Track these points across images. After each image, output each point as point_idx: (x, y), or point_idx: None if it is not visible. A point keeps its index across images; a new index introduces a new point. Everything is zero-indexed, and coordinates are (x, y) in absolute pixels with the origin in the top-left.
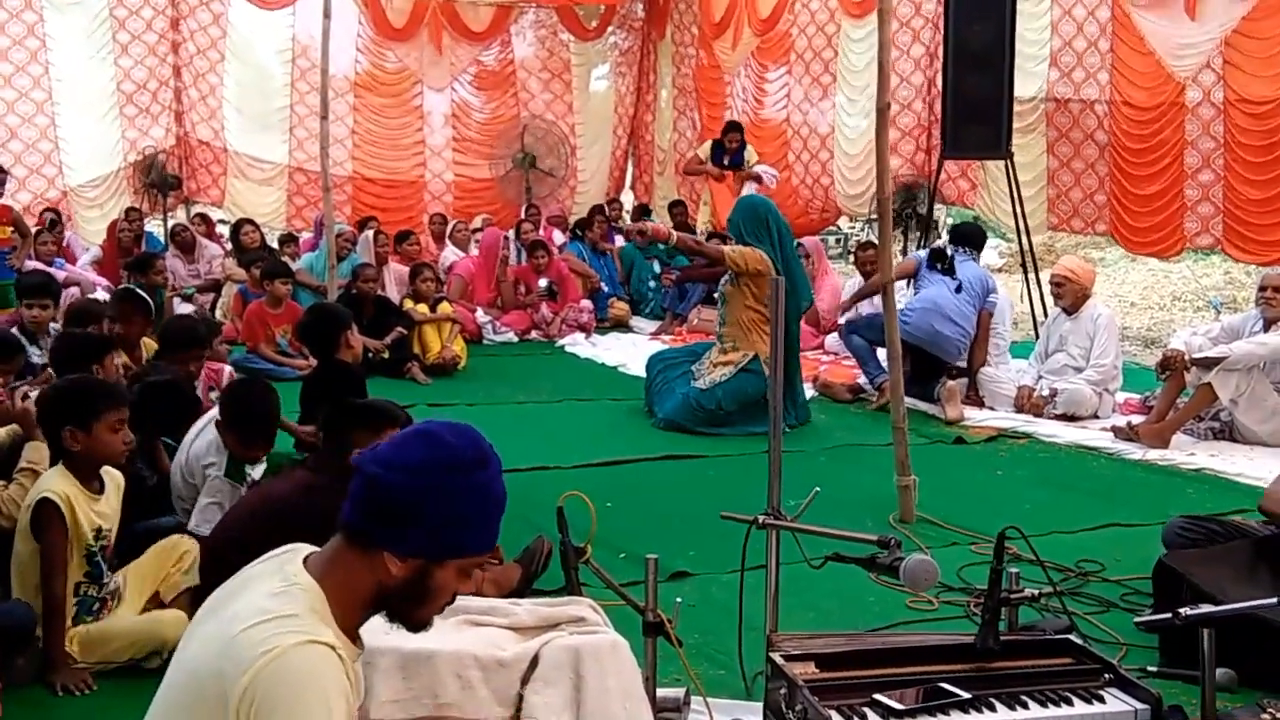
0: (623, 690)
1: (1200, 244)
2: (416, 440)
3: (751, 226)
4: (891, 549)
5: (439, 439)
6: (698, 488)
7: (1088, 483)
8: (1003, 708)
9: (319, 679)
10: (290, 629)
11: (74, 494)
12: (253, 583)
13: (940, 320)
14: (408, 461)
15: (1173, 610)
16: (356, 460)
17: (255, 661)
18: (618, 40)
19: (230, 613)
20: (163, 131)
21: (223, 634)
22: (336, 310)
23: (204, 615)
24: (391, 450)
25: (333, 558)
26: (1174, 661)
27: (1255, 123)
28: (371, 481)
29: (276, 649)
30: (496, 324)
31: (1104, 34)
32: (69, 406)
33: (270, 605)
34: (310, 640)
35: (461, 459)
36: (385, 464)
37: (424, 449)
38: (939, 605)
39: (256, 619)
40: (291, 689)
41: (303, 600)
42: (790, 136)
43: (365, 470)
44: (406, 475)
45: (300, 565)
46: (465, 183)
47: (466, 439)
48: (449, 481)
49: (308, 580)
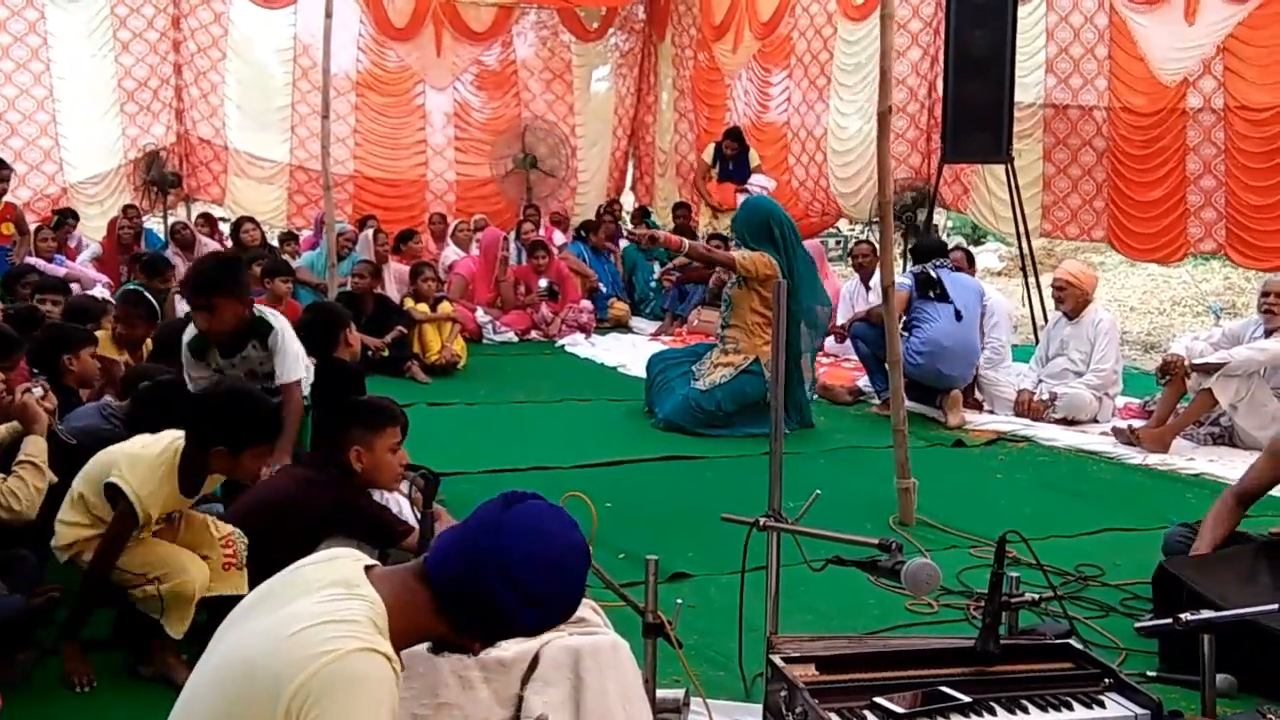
0: (622, 691)
1: (1203, 249)
2: (549, 574)
3: (754, 230)
4: (893, 552)
5: (566, 582)
6: (698, 489)
7: (1087, 487)
8: (1003, 712)
9: (375, 687)
10: (352, 634)
11: (164, 494)
12: (309, 584)
13: (946, 363)
14: (532, 593)
15: (1173, 615)
16: (477, 531)
17: (315, 661)
18: (619, 42)
19: (288, 611)
20: (163, 129)
21: (279, 630)
22: (335, 309)
23: (251, 608)
24: (523, 571)
25: (403, 590)
26: (1174, 667)
27: (1255, 129)
28: (483, 579)
29: (337, 651)
30: (496, 324)
31: (1101, 40)
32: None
33: (331, 609)
34: (371, 649)
35: (568, 601)
36: (510, 582)
37: (551, 586)
38: (939, 609)
39: (316, 620)
40: (347, 693)
41: (365, 610)
42: (790, 139)
43: (484, 569)
44: (518, 601)
45: (363, 575)
46: (467, 182)
47: (581, 579)
48: (545, 614)
49: (371, 593)
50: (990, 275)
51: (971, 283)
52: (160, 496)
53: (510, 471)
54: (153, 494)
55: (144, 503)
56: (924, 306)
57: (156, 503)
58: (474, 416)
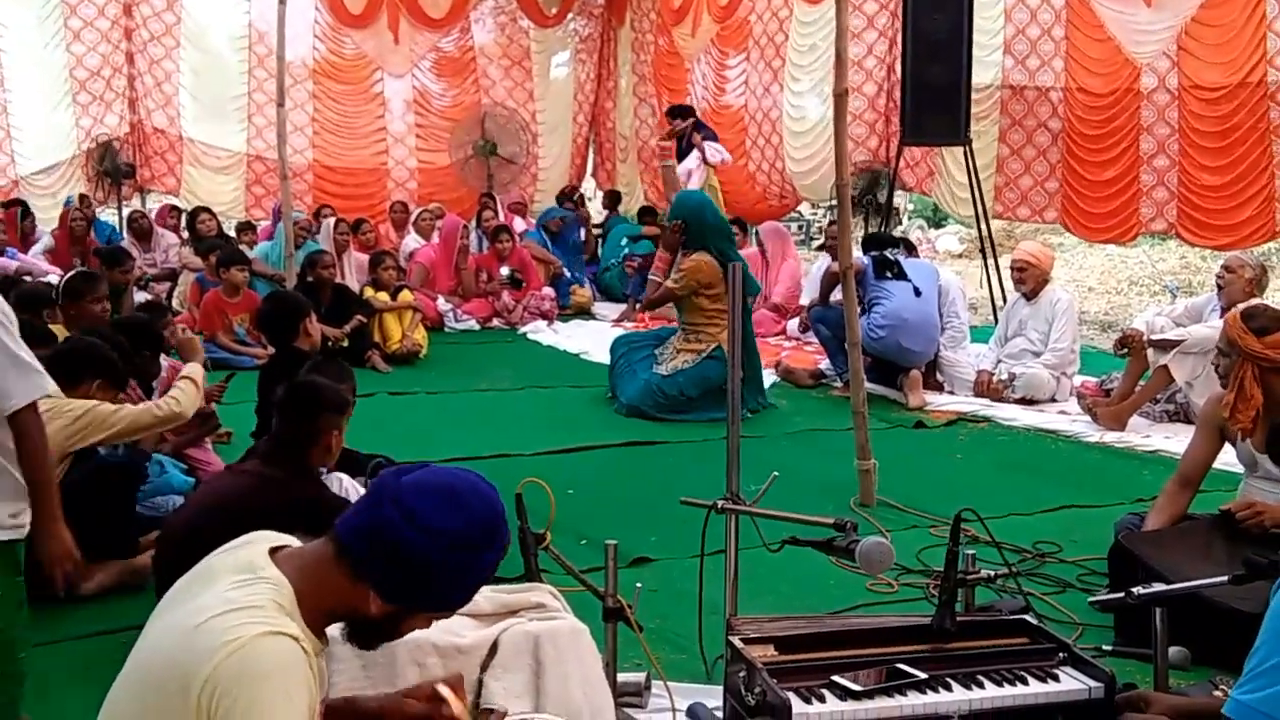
0: (582, 675)
1: (1155, 229)
2: (447, 504)
3: (691, 229)
4: (847, 532)
5: (469, 510)
6: (659, 474)
7: (1046, 465)
8: (959, 687)
9: (281, 670)
10: (254, 620)
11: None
12: (215, 574)
13: (908, 337)
14: (431, 525)
15: (1126, 590)
16: (378, 489)
17: (218, 652)
18: (578, 27)
19: (195, 604)
20: (117, 119)
21: (185, 624)
22: (295, 298)
23: (165, 606)
24: (419, 502)
25: (314, 565)
26: (1129, 641)
27: (1209, 108)
28: (388, 526)
29: (239, 639)
30: (458, 312)
31: (1058, 21)
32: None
33: (234, 596)
34: (274, 631)
35: (482, 537)
36: (409, 516)
37: (452, 517)
38: (898, 588)
39: (220, 609)
40: (253, 679)
41: (269, 593)
42: (748, 123)
43: (385, 512)
44: (427, 539)
45: (267, 558)
46: (429, 170)
47: (492, 512)
48: (464, 559)
49: (276, 574)
50: (950, 257)
51: (926, 264)
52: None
53: (471, 459)
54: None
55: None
56: (882, 285)
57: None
58: (435, 405)
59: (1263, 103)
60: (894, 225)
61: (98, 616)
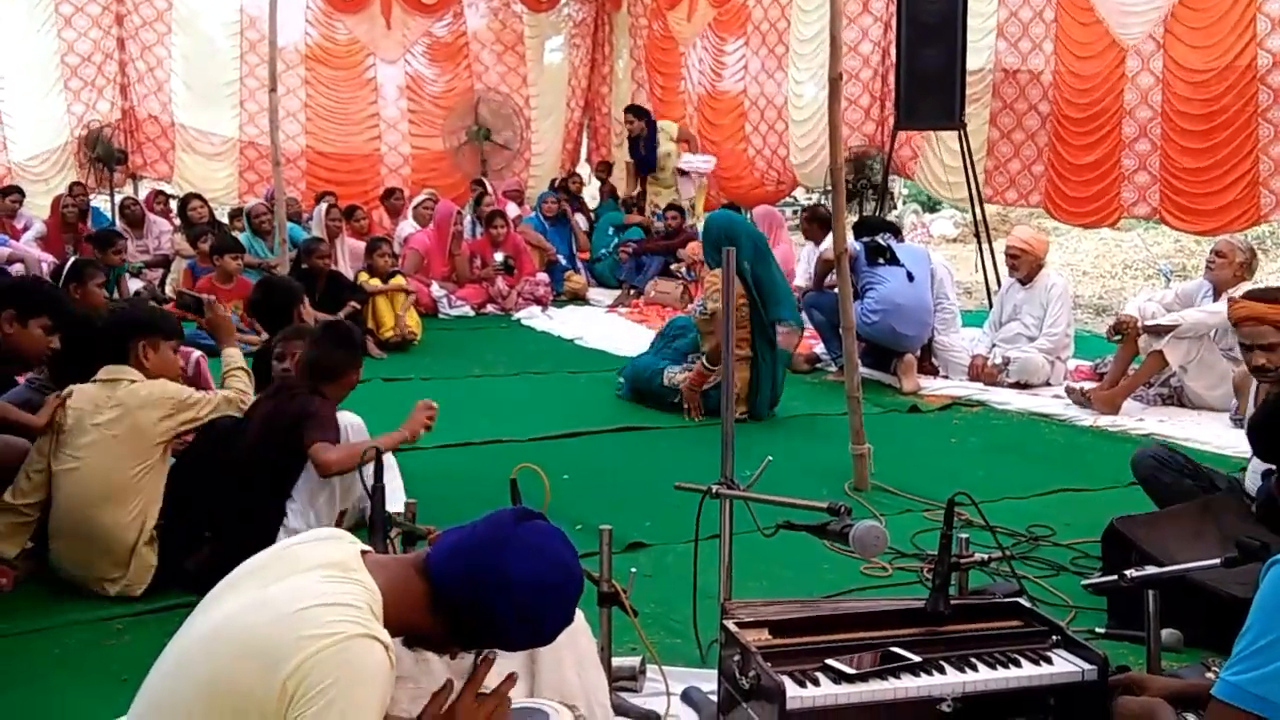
0: (577, 659)
1: (1137, 213)
2: (555, 606)
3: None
4: (842, 516)
5: (567, 605)
6: (654, 459)
7: (1040, 449)
8: (952, 670)
9: (374, 675)
10: (354, 619)
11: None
12: (302, 561)
13: (902, 322)
14: (529, 616)
15: (1119, 573)
16: (491, 551)
17: (315, 642)
18: (572, 12)
19: (287, 586)
20: (108, 105)
21: (280, 605)
22: (288, 283)
23: (238, 581)
24: (530, 599)
25: (401, 583)
26: (1123, 623)
27: (1196, 91)
28: (487, 597)
29: (340, 635)
30: (452, 298)
31: (1050, 3)
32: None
33: (331, 590)
34: (372, 636)
35: (564, 619)
36: (506, 588)
37: (552, 614)
38: (893, 571)
39: (319, 601)
40: (347, 677)
41: (364, 596)
42: (748, 108)
43: (488, 579)
44: (512, 614)
45: (359, 560)
46: (423, 156)
47: (574, 598)
48: (533, 633)
49: (369, 580)
50: (945, 242)
51: (918, 249)
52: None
53: (466, 445)
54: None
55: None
56: (875, 271)
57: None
58: (429, 391)
59: (1251, 85)
60: (889, 210)
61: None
